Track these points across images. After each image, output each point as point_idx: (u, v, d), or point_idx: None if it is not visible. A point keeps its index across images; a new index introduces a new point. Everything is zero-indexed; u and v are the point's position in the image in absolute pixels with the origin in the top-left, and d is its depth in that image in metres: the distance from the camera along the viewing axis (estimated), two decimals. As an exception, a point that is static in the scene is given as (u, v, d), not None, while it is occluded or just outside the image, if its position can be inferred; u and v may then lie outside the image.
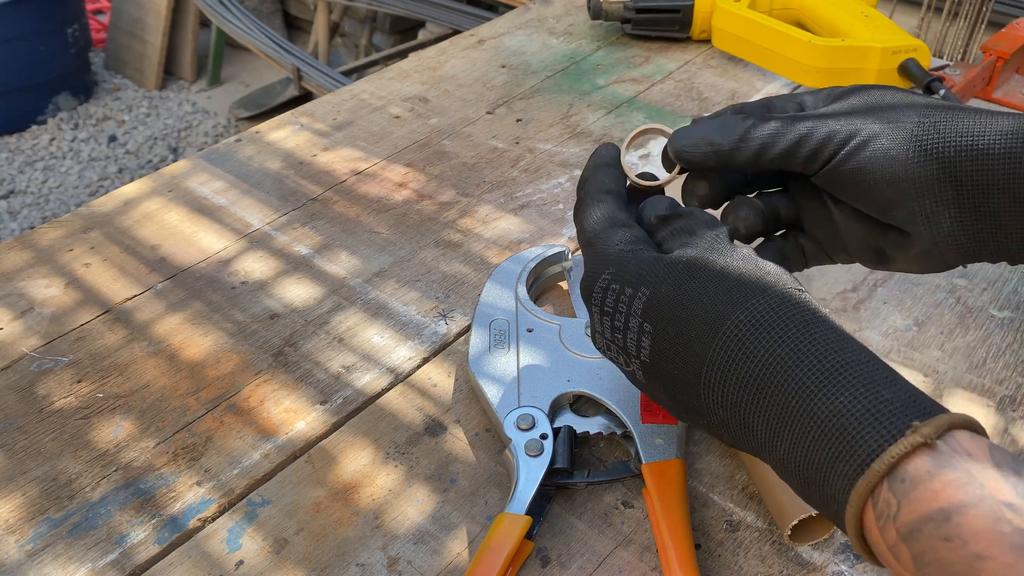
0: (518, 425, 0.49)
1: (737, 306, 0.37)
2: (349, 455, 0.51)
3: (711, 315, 0.37)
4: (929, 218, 0.42)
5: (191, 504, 0.48)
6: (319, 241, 0.67)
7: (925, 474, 0.31)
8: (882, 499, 0.31)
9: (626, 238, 0.41)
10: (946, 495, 0.30)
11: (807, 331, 0.35)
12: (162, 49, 3.22)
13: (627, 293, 0.40)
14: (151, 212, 0.70)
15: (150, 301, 0.61)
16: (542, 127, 0.82)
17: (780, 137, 0.42)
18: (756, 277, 0.38)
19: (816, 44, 0.83)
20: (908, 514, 0.31)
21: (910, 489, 0.31)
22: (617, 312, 0.40)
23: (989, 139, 0.40)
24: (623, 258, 0.41)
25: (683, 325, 0.38)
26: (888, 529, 0.31)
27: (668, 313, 0.38)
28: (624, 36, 0.98)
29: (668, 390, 0.40)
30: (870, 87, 0.45)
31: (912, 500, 0.31)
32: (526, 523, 0.44)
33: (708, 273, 0.38)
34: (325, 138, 0.80)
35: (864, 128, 0.41)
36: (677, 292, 0.38)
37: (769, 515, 0.48)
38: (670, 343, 0.38)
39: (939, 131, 0.41)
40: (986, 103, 0.86)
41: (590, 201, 0.44)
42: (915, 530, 0.30)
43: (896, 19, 1.09)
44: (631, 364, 0.41)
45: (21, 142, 3.00)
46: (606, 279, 0.41)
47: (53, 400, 0.54)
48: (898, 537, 0.31)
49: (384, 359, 0.57)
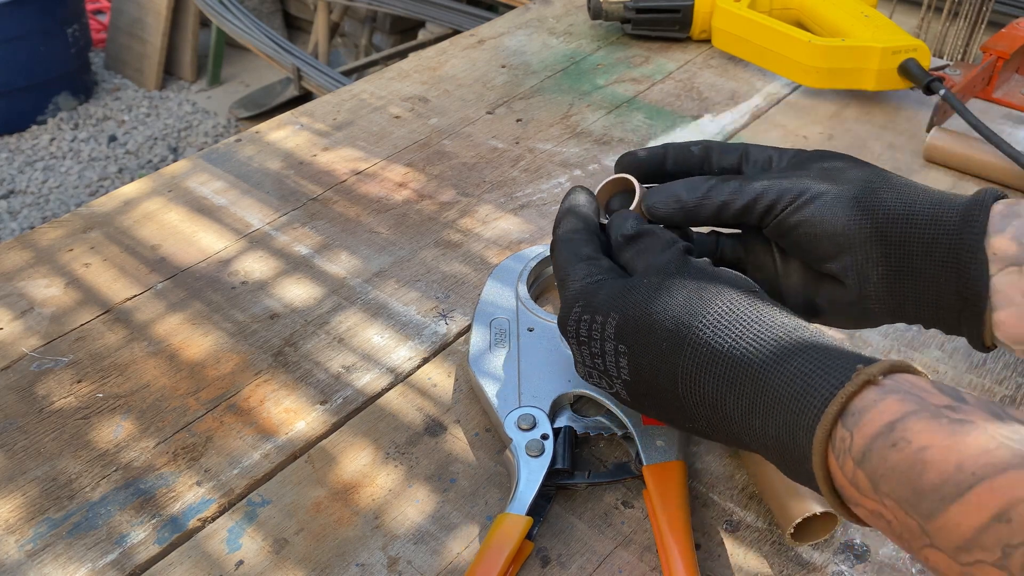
0: (519, 425, 0.49)
1: (698, 314, 0.40)
2: (349, 455, 0.51)
3: (677, 326, 0.41)
4: (859, 272, 0.45)
5: (191, 504, 0.48)
6: (319, 241, 0.67)
7: (872, 403, 0.34)
8: (838, 438, 0.34)
9: (591, 271, 0.46)
10: (891, 412, 0.33)
11: (763, 323, 0.39)
12: (162, 49, 3.22)
13: (598, 320, 0.43)
14: (151, 212, 0.70)
15: (150, 301, 0.61)
16: (542, 127, 0.82)
17: (738, 197, 0.47)
18: (712, 284, 0.42)
19: (816, 44, 0.83)
20: (860, 439, 0.33)
21: (860, 419, 0.34)
22: (592, 339, 0.44)
23: (919, 206, 0.44)
24: (590, 290, 0.45)
25: (654, 339, 0.41)
26: (846, 462, 0.34)
27: (638, 331, 0.42)
28: (624, 36, 0.98)
29: (652, 402, 0.43)
30: (834, 155, 0.49)
31: (862, 426, 0.34)
32: (527, 523, 0.44)
33: (669, 289, 0.42)
34: (325, 138, 0.80)
35: (812, 187, 0.46)
36: (644, 311, 0.42)
37: (769, 515, 0.48)
38: (645, 358, 0.42)
39: (878, 196, 0.45)
40: (986, 103, 0.86)
41: (559, 244, 0.48)
42: (867, 450, 0.33)
43: (896, 19, 1.09)
44: (614, 385, 0.45)
45: (21, 142, 3.00)
46: (577, 311, 0.44)
47: (53, 400, 0.54)
48: (854, 465, 0.34)
49: (384, 359, 0.57)
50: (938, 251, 0.43)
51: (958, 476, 0.30)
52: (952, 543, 0.30)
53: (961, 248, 0.42)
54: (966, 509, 0.30)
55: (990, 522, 0.29)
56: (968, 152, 0.75)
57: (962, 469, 0.30)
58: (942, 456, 0.31)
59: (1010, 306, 0.42)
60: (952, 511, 0.30)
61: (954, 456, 0.30)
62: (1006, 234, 0.42)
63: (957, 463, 0.30)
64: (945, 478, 0.30)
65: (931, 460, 0.31)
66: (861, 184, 0.46)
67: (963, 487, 0.30)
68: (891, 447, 0.32)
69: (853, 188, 0.45)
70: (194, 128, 3.08)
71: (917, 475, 0.31)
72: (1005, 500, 0.29)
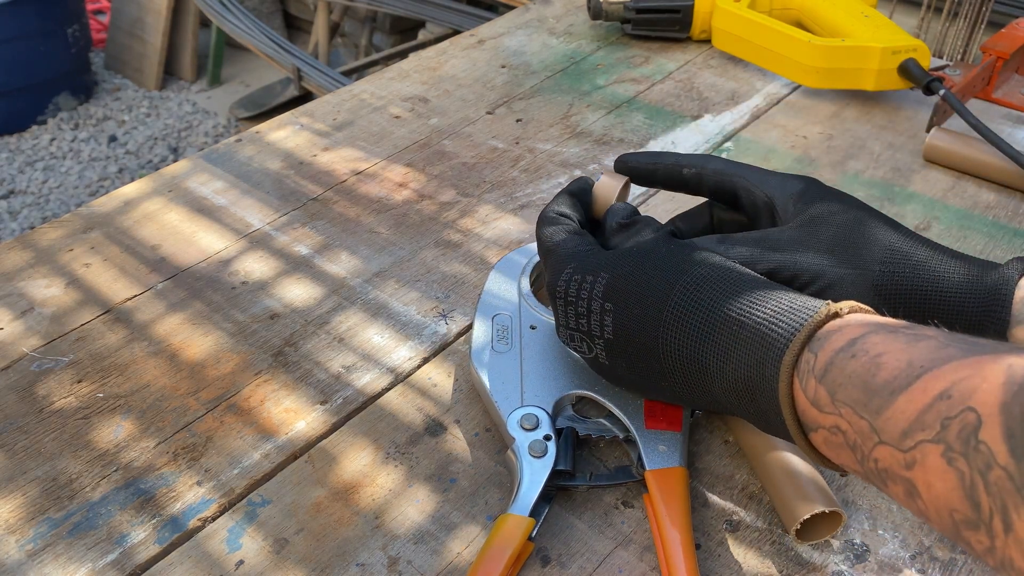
0: (522, 425, 0.49)
1: (682, 274, 0.44)
2: (349, 455, 0.51)
3: (662, 284, 0.44)
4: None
5: (191, 504, 0.48)
6: (319, 241, 0.67)
7: (836, 328, 0.37)
8: (803, 361, 0.37)
9: (581, 241, 0.49)
10: (852, 332, 0.36)
11: (738, 283, 0.43)
12: (162, 49, 3.22)
13: (588, 280, 0.46)
14: (151, 212, 0.70)
15: (150, 301, 0.61)
16: (542, 127, 0.82)
17: (753, 266, 0.47)
18: (694, 252, 0.46)
19: (816, 44, 0.83)
20: (823, 357, 0.36)
21: (824, 342, 0.36)
22: (580, 299, 0.46)
23: (944, 298, 0.45)
24: (581, 253, 0.48)
25: (639, 297, 0.44)
26: (809, 382, 0.36)
27: (625, 290, 0.45)
28: (624, 36, 0.98)
29: (629, 361, 0.46)
30: (842, 212, 0.48)
31: (826, 346, 0.36)
32: (529, 524, 0.44)
33: (656, 255, 0.46)
34: (325, 138, 0.80)
35: (829, 272, 0.46)
36: (632, 271, 0.45)
37: (769, 515, 0.48)
38: (629, 315, 0.45)
39: (898, 284, 0.45)
40: (986, 103, 0.86)
41: (546, 220, 0.52)
42: (829, 364, 0.35)
43: (896, 19, 1.09)
44: (594, 347, 0.47)
45: (21, 142, 3.00)
46: (568, 272, 0.47)
47: (53, 400, 0.54)
48: (816, 382, 0.36)
49: (384, 359, 0.57)
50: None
51: (908, 371, 0.32)
52: (898, 430, 0.32)
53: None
54: (912, 396, 0.31)
55: (933, 402, 0.31)
56: (968, 152, 0.75)
57: (912, 364, 0.32)
58: (895, 357, 0.33)
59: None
60: (900, 400, 0.32)
61: (906, 356, 0.33)
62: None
63: (908, 360, 0.32)
64: (896, 374, 0.32)
65: (885, 363, 0.33)
66: (879, 266, 0.46)
67: (911, 378, 0.32)
68: (851, 358, 0.35)
69: (872, 271, 0.46)
70: (194, 128, 3.08)
71: (871, 376, 0.33)
72: (948, 381, 0.30)
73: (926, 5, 1.06)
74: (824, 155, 0.78)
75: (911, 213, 0.71)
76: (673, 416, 0.49)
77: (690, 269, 0.44)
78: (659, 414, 0.49)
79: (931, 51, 0.88)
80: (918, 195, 0.73)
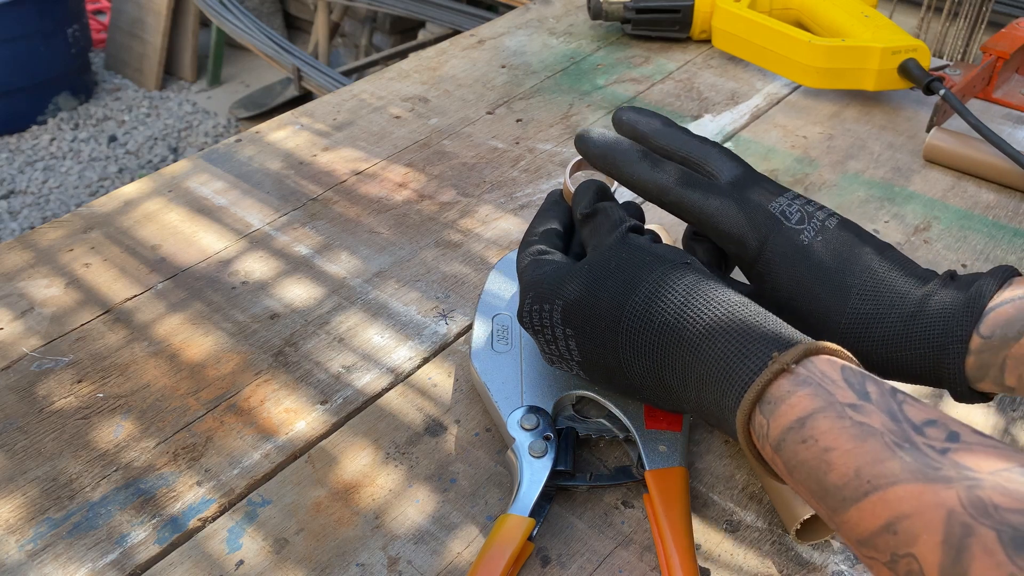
0: (522, 425, 0.49)
1: (632, 291, 0.42)
2: (349, 455, 0.51)
3: (613, 305, 0.43)
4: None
5: (191, 504, 0.48)
6: (319, 241, 0.67)
7: (785, 394, 0.36)
8: (757, 422, 0.37)
9: (539, 263, 0.48)
10: (801, 407, 0.35)
11: (691, 295, 0.41)
12: (162, 49, 3.22)
13: (546, 308, 0.46)
14: (151, 212, 0.70)
15: (150, 301, 0.61)
16: (542, 127, 0.82)
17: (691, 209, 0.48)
18: (646, 262, 0.43)
19: (816, 44, 0.83)
20: (775, 429, 0.36)
21: (775, 409, 0.36)
22: (543, 327, 0.46)
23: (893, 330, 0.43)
24: (537, 280, 0.47)
25: (594, 321, 0.44)
26: (765, 447, 0.36)
27: (580, 314, 0.44)
28: (624, 36, 0.98)
29: (604, 378, 0.46)
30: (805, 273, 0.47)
31: (777, 417, 0.36)
32: (529, 525, 0.44)
33: (605, 270, 0.44)
34: (325, 138, 0.80)
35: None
36: (582, 294, 0.44)
37: (769, 515, 0.48)
38: (588, 339, 0.44)
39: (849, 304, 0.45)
40: (986, 103, 0.86)
41: (521, 246, 0.50)
42: (781, 441, 0.35)
43: (896, 19, 1.09)
44: (572, 367, 0.47)
45: (21, 142, 3.00)
46: (528, 302, 0.47)
47: (53, 400, 0.54)
48: (772, 451, 0.36)
49: (384, 359, 0.57)
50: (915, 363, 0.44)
51: (856, 482, 0.32)
52: (854, 537, 0.33)
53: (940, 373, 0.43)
54: (862, 515, 0.32)
55: (881, 530, 0.31)
56: (968, 152, 0.75)
57: (860, 476, 0.32)
58: (843, 460, 0.33)
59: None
60: (852, 512, 0.32)
61: (853, 461, 0.33)
62: (986, 382, 0.42)
63: (856, 468, 0.32)
64: (846, 481, 0.33)
65: (834, 462, 0.33)
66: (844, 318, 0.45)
67: (860, 493, 0.32)
68: (801, 443, 0.34)
69: (836, 323, 0.45)
70: (194, 128, 3.08)
71: (823, 474, 0.34)
72: (893, 514, 0.31)
73: (926, 5, 1.06)
74: (824, 155, 0.78)
75: (911, 213, 0.71)
76: (673, 416, 0.49)
77: (639, 283, 0.42)
78: (659, 414, 0.49)
79: (931, 51, 0.88)
80: (918, 195, 0.73)
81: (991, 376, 0.41)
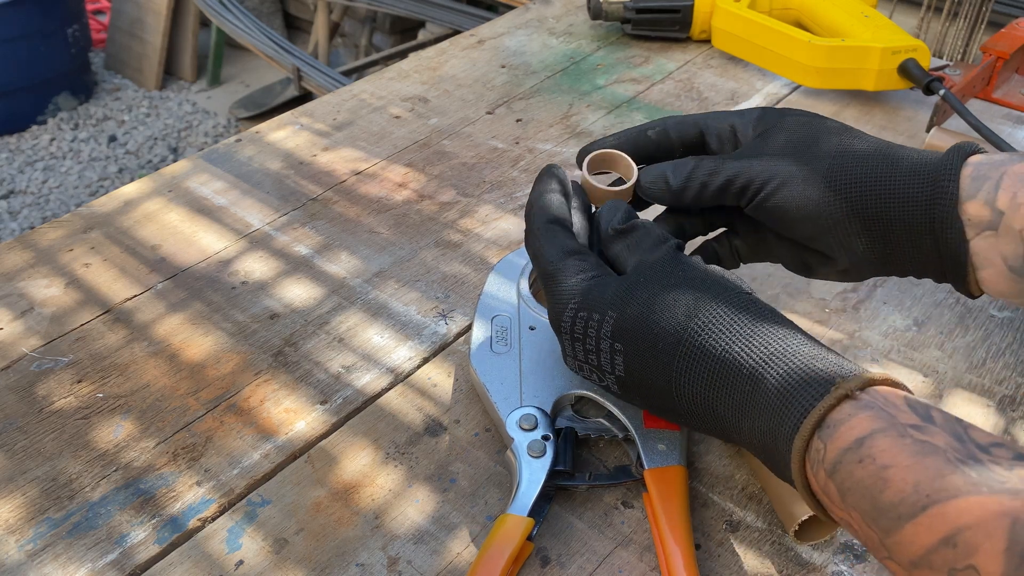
0: (520, 425, 0.49)
1: (694, 316, 0.41)
2: (349, 455, 0.51)
3: (673, 327, 0.42)
4: (844, 245, 0.47)
5: (191, 504, 0.48)
6: (319, 241, 0.67)
7: (846, 417, 0.35)
8: (813, 448, 0.36)
9: (583, 267, 0.46)
10: (861, 427, 0.34)
11: (753, 326, 0.40)
12: (162, 49, 3.22)
13: (595, 319, 0.44)
14: (151, 212, 0.70)
15: (150, 301, 0.61)
16: (542, 127, 0.82)
17: (714, 178, 0.48)
18: (707, 286, 0.43)
19: (816, 44, 0.83)
20: (832, 452, 0.35)
21: (833, 432, 0.35)
22: (587, 337, 0.44)
23: (891, 180, 0.45)
24: (584, 287, 0.45)
25: (650, 340, 0.42)
26: (819, 472, 0.36)
27: (635, 331, 0.43)
28: (624, 36, 0.98)
29: (643, 397, 0.44)
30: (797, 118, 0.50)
31: (834, 440, 0.35)
32: (528, 525, 0.44)
33: (665, 289, 0.43)
34: (325, 138, 0.80)
35: (782, 170, 0.47)
36: (641, 311, 0.43)
37: (769, 515, 0.48)
38: (641, 357, 0.43)
39: (848, 173, 0.46)
40: (986, 103, 0.86)
41: (540, 232, 0.48)
42: (837, 463, 0.35)
43: (896, 19, 1.09)
44: (605, 379, 0.45)
45: (21, 142, 3.00)
46: (572, 308, 0.45)
47: (53, 400, 0.54)
48: (826, 475, 0.35)
49: (384, 359, 0.57)
50: (915, 223, 0.45)
51: (914, 497, 0.32)
52: (906, 558, 0.32)
53: (935, 220, 0.44)
54: (918, 530, 0.31)
55: (938, 545, 0.30)
56: (968, 152, 0.75)
57: (918, 490, 0.32)
58: (901, 476, 0.32)
59: (991, 267, 0.44)
60: (907, 530, 0.32)
61: (912, 476, 0.32)
62: (978, 199, 0.43)
63: (915, 483, 0.32)
64: (903, 497, 0.32)
65: (891, 479, 0.32)
66: (829, 160, 0.47)
67: (917, 508, 0.31)
68: (858, 462, 0.34)
69: (822, 165, 0.47)
70: (194, 128, 3.08)
71: (879, 492, 0.33)
72: (953, 526, 0.30)
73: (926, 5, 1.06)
74: (824, 155, 0.78)
75: (911, 213, 0.71)
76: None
77: (701, 309, 0.41)
78: (659, 414, 0.49)
79: (931, 51, 0.88)
80: (918, 195, 0.73)
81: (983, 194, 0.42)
